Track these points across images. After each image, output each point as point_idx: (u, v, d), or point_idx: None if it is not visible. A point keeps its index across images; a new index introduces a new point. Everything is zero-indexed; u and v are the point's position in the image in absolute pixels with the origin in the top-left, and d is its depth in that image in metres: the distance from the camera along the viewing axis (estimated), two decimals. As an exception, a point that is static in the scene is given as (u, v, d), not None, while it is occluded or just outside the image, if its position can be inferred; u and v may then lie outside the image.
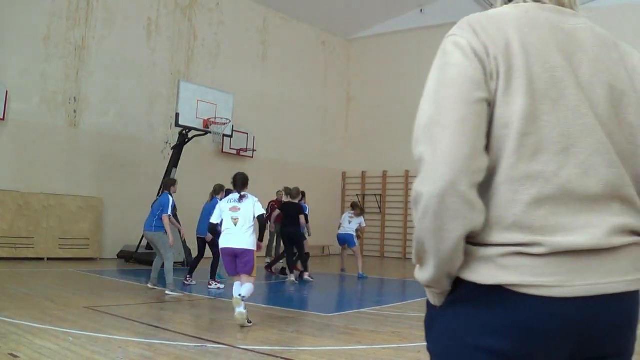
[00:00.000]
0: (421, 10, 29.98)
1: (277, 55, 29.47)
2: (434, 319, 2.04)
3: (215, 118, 21.18)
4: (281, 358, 7.67)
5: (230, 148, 26.18)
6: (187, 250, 20.33)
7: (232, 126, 22.16)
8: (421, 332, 2.21)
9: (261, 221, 11.14)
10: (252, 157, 27.02)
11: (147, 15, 24.52)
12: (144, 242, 20.88)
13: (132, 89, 23.67)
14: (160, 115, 24.43)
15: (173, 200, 14.20)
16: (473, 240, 1.85)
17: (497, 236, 1.83)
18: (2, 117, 19.75)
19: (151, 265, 15.13)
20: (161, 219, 13.77)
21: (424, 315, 2.14)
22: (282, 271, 18.68)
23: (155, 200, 14.46)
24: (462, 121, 1.80)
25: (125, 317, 10.06)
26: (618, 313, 1.87)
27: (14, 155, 20.33)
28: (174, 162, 21.24)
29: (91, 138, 22.36)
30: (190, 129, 20.88)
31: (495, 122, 1.86)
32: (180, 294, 13.47)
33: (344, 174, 33.14)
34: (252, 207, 10.71)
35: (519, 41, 1.90)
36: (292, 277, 16.95)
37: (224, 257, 10.75)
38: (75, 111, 22.18)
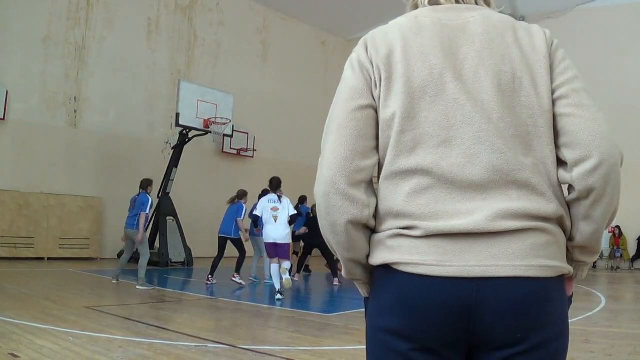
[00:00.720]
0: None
1: (277, 55, 29.50)
2: (365, 309, 2.14)
3: (216, 118, 21.19)
4: (281, 358, 7.66)
5: (231, 148, 26.21)
6: (188, 250, 20.35)
7: (233, 126, 22.18)
8: None
9: (292, 220, 13.78)
10: (253, 157, 27.07)
11: (147, 16, 24.56)
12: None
13: (133, 89, 23.72)
14: (160, 115, 24.47)
15: (151, 200, 14.89)
16: (375, 230, 2.02)
17: (386, 224, 1.98)
18: (2, 117, 19.80)
19: (153, 265, 15.32)
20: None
21: None
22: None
23: (135, 200, 14.70)
24: (341, 127, 1.97)
25: (126, 317, 10.06)
26: (512, 298, 1.83)
27: (14, 155, 20.36)
28: (174, 162, 21.28)
29: (91, 138, 22.39)
30: (190, 128, 20.90)
31: (380, 125, 2.00)
32: (151, 288, 14.26)
33: (344, 173, 32.88)
34: (287, 207, 13.62)
35: (401, 48, 2.02)
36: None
37: (267, 245, 13.56)
38: (75, 111, 22.22)
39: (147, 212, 14.47)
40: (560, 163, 1.99)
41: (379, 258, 1.98)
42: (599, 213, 1.96)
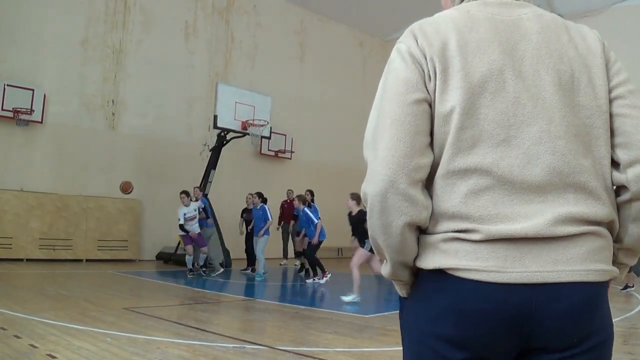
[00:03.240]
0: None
1: (315, 56, 29.44)
2: (402, 310, 2.13)
3: (254, 120, 21.14)
4: (319, 359, 7.61)
5: (269, 149, 26.16)
6: (226, 252, 20.34)
7: (270, 128, 22.12)
8: None
9: None
10: (291, 158, 27.02)
11: (185, 19, 24.63)
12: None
13: (170, 91, 23.77)
14: (198, 117, 24.51)
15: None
16: (425, 231, 1.94)
17: (440, 225, 1.90)
18: (40, 121, 19.92)
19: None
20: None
21: None
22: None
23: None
24: (398, 122, 1.88)
25: (164, 318, 10.04)
26: (569, 303, 1.82)
27: (52, 158, 20.50)
28: (212, 163, 21.28)
29: (130, 140, 22.50)
30: (228, 130, 20.87)
31: (436, 120, 1.92)
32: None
33: (384, 174, 32.76)
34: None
35: (456, 41, 1.95)
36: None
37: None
38: (113, 114, 22.33)
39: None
40: (612, 163, 1.97)
41: (432, 262, 1.91)
42: None
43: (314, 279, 16.64)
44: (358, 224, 13.55)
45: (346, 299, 12.71)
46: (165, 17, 23.93)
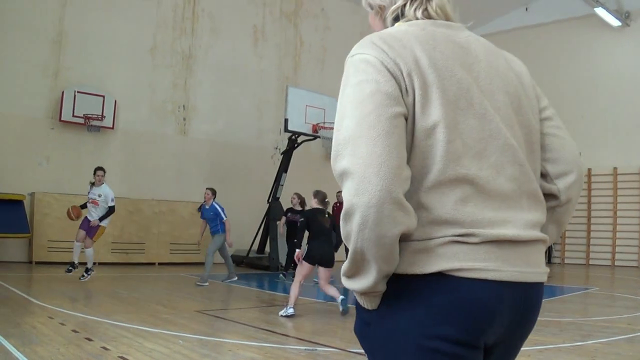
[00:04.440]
0: (526, 9, 29.37)
1: (383, 57, 29.20)
2: (371, 324, 2.09)
3: (324, 122, 21.04)
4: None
5: (339, 152, 25.98)
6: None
7: (341, 130, 22.01)
8: (531, 336, 2.26)
9: None
10: (362, 161, 26.86)
11: (253, 23, 24.72)
12: (255, 247, 21.08)
13: (241, 96, 23.87)
14: (269, 121, 24.56)
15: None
16: (411, 237, 1.94)
17: (434, 231, 1.95)
18: (111, 127, 20.13)
19: (264, 269, 15.57)
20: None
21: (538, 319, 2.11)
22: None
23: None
24: (388, 134, 1.86)
25: (236, 321, 10.01)
26: (535, 302, 2.10)
27: (124, 163, 20.73)
28: (283, 167, 21.29)
29: (201, 145, 22.64)
30: (299, 134, 20.84)
31: (417, 134, 1.95)
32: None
33: (453, 177, 32.57)
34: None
35: (426, 57, 2.00)
36: None
37: None
38: (184, 119, 22.50)
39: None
40: (542, 175, 2.25)
41: (431, 266, 1.93)
42: (566, 219, 2.34)
43: None
44: None
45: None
46: (234, 22, 24.03)
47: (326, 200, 12.09)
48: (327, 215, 11.86)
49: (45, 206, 18.45)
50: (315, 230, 11.33)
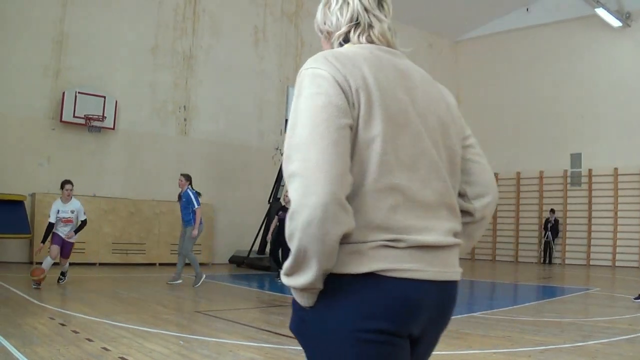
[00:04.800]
0: (527, 9, 29.39)
1: (385, 58, 29.20)
2: (307, 320, 2.26)
3: (324, 123, 21.03)
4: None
5: (340, 153, 26.00)
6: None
7: (341, 130, 22.02)
8: (532, 336, 2.20)
9: None
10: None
11: (254, 24, 24.73)
12: (255, 247, 21.09)
13: (241, 96, 23.89)
14: (270, 121, 24.59)
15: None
16: (346, 240, 2.11)
17: (367, 235, 2.15)
18: (112, 127, 20.14)
19: (264, 270, 15.43)
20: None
21: (536, 319, 2.15)
22: None
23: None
24: (336, 143, 2.06)
25: (236, 321, 9.99)
26: (452, 297, 2.37)
27: (125, 163, 20.79)
28: (284, 168, 21.28)
29: (202, 146, 22.67)
30: (301, 134, 20.81)
31: (358, 144, 2.16)
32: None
33: (454, 177, 32.56)
34: None
35: (372, 77, 2.21)
36: None
37: None
38: (185, 119, 22.51)
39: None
40: (460, 195, 2.53)
41: (362, 267, 2.13)
42: (478, 234, 2.63)
43: None
44: None
45: None
46: (234, 22, 24.05)
47: None
48: None
49: (46, 207, 18.33)
50: None
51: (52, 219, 13.89)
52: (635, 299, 14.17)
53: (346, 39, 2.50)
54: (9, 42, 18.47)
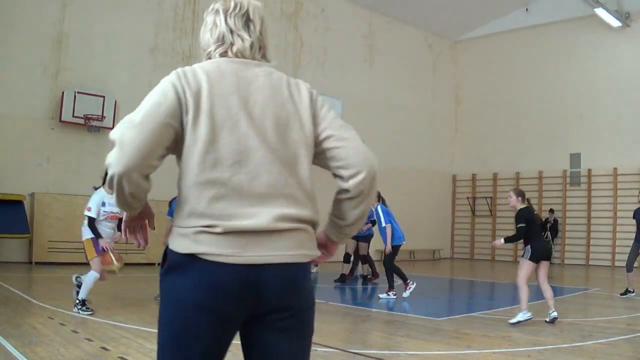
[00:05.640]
0: (527, 9, 29.40)
1: (384, 59, 29.32)
2: (161, 280, 2.69)
3: (323, 123, 21.01)
4: (391, 362, 7.52)
5: (339, 152, 25.95)
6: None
7: (341, 130, 21.97)
8: (532, 336, 2.20)
9: None
10: (361, 161, 26.76)
11: (254, 24, 24.68)
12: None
13: (241, 96, 23.83)
14: (269, 121, 24.52)
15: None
16: (177, 224, 2.65)
17: (191, 222, 2.59)
18: (111, 127, 20.04)
19: None
20: None
21: (535, 319, 2.14)
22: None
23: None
24: (152, 132, 2.54)
25: (235, 321, 10.00)
26: (283, 278, 2.60)
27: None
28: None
29: (201, 145, 22.62)
30: (298, 134, 20.78)
31: (186, 143, 2.63)
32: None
33: (454, 177, 32.77)
34: None
35: (207, 88, 2.66)
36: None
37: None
38: (184, 119, 22.52)
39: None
40: (339, 177, 2.79)
41: (184, 248, 2.56)
42: (364, 205, 2.83)
43: (388, 294, 13.89)
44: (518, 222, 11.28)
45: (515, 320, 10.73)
46: (234, 22, 24.01)
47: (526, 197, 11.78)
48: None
49: (46, 207, 18.46)
50: (535, 230, 11.18)
51: (93, 213, 10.78)
52: (622, 294, 14.31)
53: (211, 56, 2.91)
54: (8, 42, 18.45)
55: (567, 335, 9.40)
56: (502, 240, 11.24)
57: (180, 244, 2.58)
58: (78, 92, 19.19)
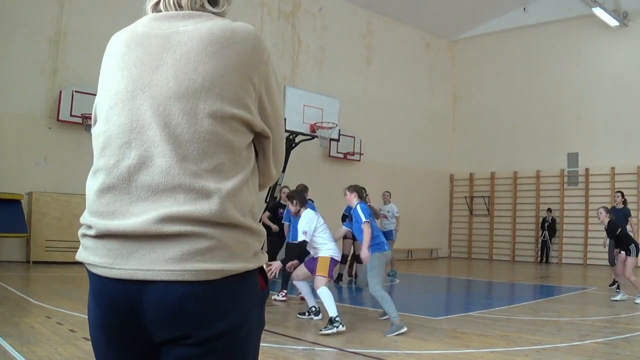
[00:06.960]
0: (524, 9, 29.45)
1: (382, 58, 29.34)
2: None
3: (322, 122, 20.98)
4: (389, 361, 7.52)
5: (337, 152, 25.98)
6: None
7: (339, 130, 21.92)
8: (530, 336, 2.17)
9: None
10: (359, 160, 26.81)
11: (251, 23, 24.33)
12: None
13: (238, 95, 23.80)
14: (267, 120, 24.50)
15: None
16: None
17: (83, 220, 2.11)
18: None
19: None
20: None
21: (533, 318, 2.11)
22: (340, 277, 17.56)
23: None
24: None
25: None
26: (167, 300, 1.93)
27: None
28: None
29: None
30: (297, 133, 20.76)
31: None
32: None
33: (451, 176, 32.77)
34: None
35: (113, 57, 2.26)
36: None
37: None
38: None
39: None
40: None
41: (78, 254, 2.13)
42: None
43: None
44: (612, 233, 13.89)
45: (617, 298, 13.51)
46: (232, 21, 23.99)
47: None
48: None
49: (43, 206, 18.43)
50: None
51: (306, 237, 10.59)
52: (611, 285, 14.48)
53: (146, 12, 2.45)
54: (6, 41, 18.43)
55: (565, 334, 9.40)
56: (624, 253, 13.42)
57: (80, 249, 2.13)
58: (76, 91, 19.11)
